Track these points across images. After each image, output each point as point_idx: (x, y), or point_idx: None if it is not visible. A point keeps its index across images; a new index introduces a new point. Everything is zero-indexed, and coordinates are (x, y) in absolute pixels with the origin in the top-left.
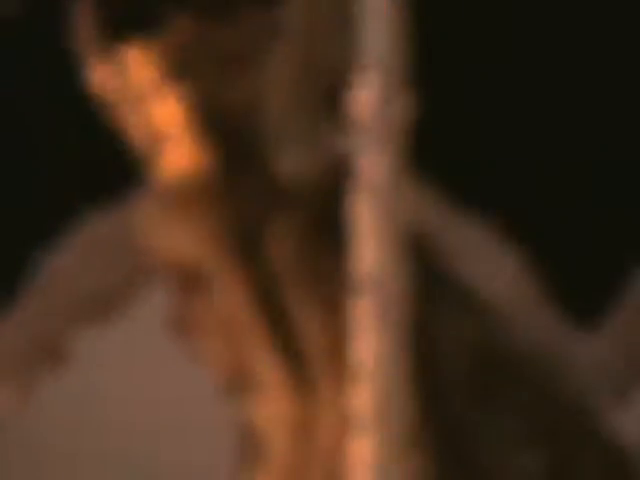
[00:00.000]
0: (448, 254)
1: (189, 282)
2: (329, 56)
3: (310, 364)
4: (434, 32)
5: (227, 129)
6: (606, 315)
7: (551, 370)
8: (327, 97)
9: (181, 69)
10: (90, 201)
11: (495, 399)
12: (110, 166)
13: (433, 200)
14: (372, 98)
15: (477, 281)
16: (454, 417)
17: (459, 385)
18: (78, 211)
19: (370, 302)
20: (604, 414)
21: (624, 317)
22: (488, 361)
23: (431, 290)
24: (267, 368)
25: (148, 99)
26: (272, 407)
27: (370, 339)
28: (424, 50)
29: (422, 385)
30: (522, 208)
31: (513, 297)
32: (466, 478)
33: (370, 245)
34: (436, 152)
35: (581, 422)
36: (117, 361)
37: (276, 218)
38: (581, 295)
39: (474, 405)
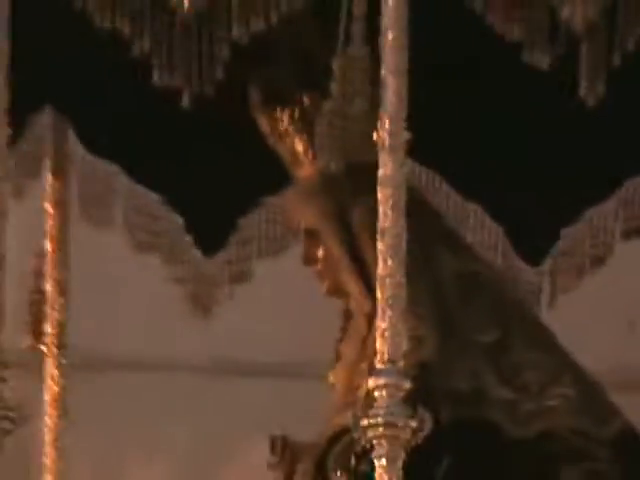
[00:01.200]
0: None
1: (313, 238)
2: None
3: (374, 288)
4: None
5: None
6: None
7: (504, 284)
8: None
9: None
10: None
11: (473, 299)
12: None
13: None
14: None
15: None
16: (449, 308)
17: (452, 291)
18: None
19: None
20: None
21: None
22: (469, 279)
23: (432, 235)
24: (354, 289)
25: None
26: (355, 306)
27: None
28: None
29: (430, 291)
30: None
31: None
32: (453, 345)
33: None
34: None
35: (520, 312)
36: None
37: (356, 202)
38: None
39: (461, 302)
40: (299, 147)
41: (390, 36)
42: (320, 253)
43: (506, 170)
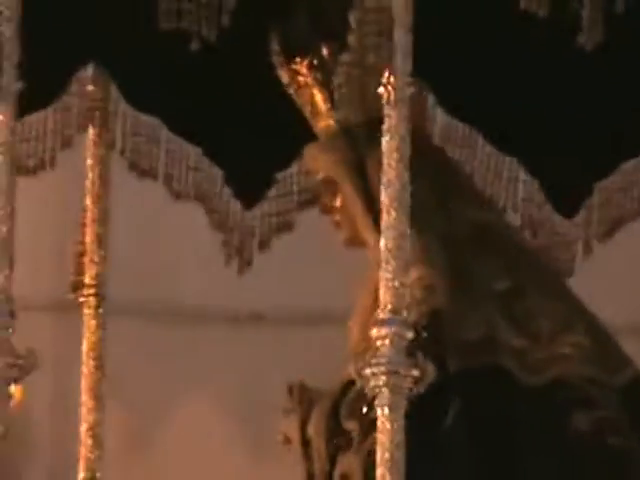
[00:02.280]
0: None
1: (330, 188)
2: None
3: None
4: None
5: None
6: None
7: (519, 235)
8: None
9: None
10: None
11: (487, 248)
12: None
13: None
14: None
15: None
16: (462, 257)
17: (466, 241)
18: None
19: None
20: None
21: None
22: (484, 229)
23: (447, 187)
24: (369, 239)
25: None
26: (371, 255)
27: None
28: None
29: (442, 240)
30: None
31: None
32: (465, 293)
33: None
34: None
35: (534, 262)
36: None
37: (372, 153)
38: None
39: (474, 251)
40: (318, 98)
41: None
42: (337, 203)
43: (541, 123)
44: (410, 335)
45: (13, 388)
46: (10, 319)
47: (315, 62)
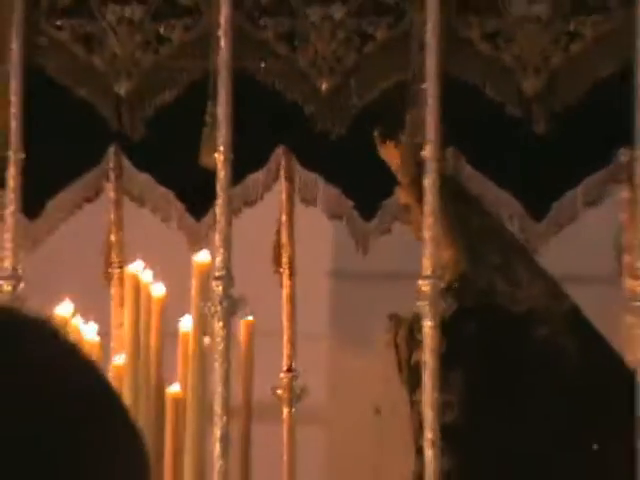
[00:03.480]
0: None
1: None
2: None
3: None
4: None
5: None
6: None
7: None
8: None
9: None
10: None
11: (487, 238)
12: None
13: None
14: None
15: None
16: (475, 243)
17: (475, 233)
18: None
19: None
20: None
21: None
22: (486, 226)
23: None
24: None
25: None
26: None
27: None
28: None
29: (464, 232)
30: None
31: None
32: (477, 264)
33: None
34: None
35: (519, 246)
36: None
37: None
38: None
39: (480, 240)
40: None
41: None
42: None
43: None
44: (442, 285)
45: None
46: None
47: None
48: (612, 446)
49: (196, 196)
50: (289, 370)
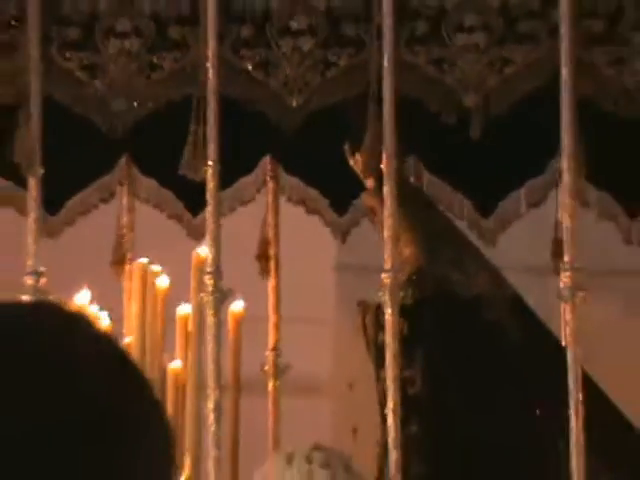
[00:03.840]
0: None
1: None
2: None
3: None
4: None
5: None
6: None
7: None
8: None
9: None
10: None
11: (443, 239)
12: None
13: None
14: None
15: None
16: (433, 242)
17: (434, 234)
18: None
19: None
20: None
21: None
22: (441, 228)
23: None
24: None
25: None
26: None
27: None
28: None
29: (424, 232)
30: None
31: None
32: (434, 257)
33: None
34: None
35: (467, 242)
36: None
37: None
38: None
39: (438, 240)
40: None
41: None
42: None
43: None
44: (403, 277)
45: None
46: None
47: None
48: (548, 411)
49: (193, 196)
50: (274, 349)
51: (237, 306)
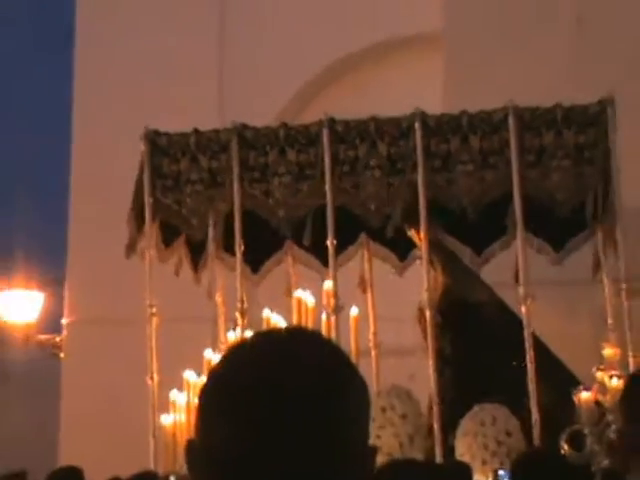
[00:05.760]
0: None
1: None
2: None
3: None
4: None
5: None
6: None
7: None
8: None
9: None
10: None
11: (462, 273)
12: None
13: None
14: None
15: None
16: (457, 275)
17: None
18: None
19: None
20: None
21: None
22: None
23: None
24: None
25: None
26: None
27: None
28: None
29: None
30: None
31: None
32: (460, 283)
33: None
34: None
35: (466, 266)
36: None
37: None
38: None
39: (462, 273)
40: None
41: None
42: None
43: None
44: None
45: None
46: None
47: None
48: (523, 362)
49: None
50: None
51: (354, 311)
